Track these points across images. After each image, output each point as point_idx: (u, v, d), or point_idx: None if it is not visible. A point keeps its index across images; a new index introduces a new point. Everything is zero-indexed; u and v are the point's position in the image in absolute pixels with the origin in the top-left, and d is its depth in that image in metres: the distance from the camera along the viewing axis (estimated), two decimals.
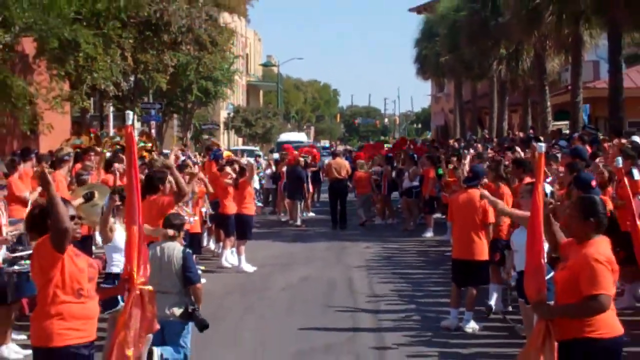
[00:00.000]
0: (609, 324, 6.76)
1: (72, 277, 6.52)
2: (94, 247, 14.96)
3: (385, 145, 40.70)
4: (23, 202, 13.21)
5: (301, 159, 27.93)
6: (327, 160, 30.89)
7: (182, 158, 18.08)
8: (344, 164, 27.69)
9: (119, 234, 9.62)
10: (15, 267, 10.82)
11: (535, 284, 6.87)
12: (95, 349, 6.89)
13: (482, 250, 12.19)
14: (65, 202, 7.12)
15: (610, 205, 11.23)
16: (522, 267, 8.87)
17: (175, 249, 10.25)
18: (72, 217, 6.81)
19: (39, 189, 11.98)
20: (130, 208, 7.23)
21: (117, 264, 9.83)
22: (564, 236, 7.07)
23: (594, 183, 11.17)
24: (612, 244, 7.34)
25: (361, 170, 26.98)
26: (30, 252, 9.90)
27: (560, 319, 6.75)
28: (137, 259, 7.04)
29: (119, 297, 8.88)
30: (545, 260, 7.02)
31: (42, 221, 6.76)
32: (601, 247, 6.72)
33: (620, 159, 11.82)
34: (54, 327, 6.47)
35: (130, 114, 8.10)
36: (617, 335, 6.83)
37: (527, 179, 12.92)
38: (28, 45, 20.80)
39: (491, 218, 12.09)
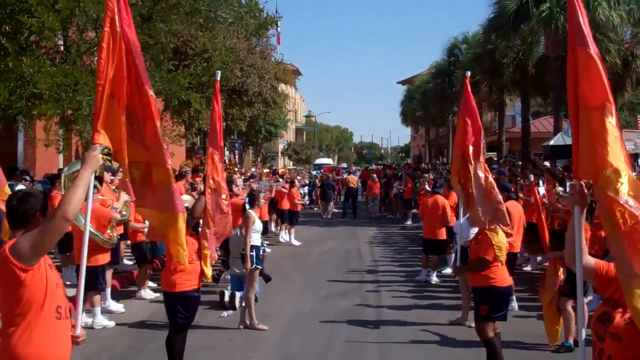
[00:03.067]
0: (504, 277, 6.75)
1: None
2: None
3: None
4: None
5: (329, 174, 28.16)
6: (345, 175, 30.97)
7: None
8: (355, 178, 28.19)
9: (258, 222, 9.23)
10: None
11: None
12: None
13: (442, 233, 12.23)
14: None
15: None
16: (461, 243, 8.92)
17: None
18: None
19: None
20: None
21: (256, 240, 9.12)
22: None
23: (512, 189, 11.10)
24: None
25: (371, 181, 26.93)
26: None
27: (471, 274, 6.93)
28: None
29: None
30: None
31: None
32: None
33: (532, 175, 11.81)
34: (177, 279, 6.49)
35: (218, 72, 7.78)
36: (508, 284, 6.82)
37: None
38: (159, 103, 20.96)
39: (448, 216, 12.11)
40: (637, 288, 2.98)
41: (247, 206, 9.35)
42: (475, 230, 7.76)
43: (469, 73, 8.30)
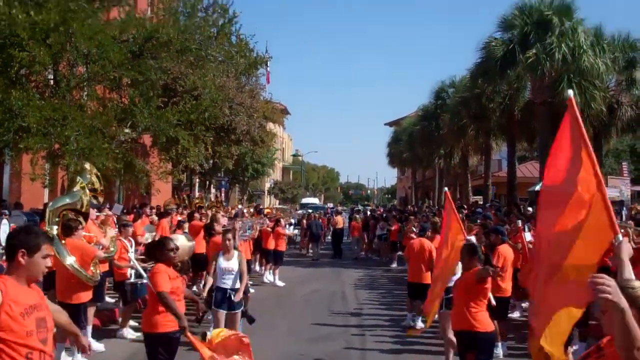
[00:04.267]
0: (486, 323, 6.75)
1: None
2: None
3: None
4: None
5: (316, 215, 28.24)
6: (334, 216, 31.07)
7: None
8: (342, 219, 28.05)
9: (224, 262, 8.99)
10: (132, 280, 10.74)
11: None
12: None
13: (427, 277, 12.09)
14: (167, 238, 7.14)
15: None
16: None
17: None
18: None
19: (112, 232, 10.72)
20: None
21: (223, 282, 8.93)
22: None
23: (505, 231, 11.18)
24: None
25: (355, 222, 26.95)
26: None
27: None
28: None
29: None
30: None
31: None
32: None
33: (519, 221, 11.94)
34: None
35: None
36: (492, 330, 6.81)
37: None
38: (147, 139, 20.99)
39: (434, 259, 12.06)
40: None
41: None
42: (457, 276, 7.83)
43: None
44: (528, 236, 12.02)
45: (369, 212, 34.26)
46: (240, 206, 27.22)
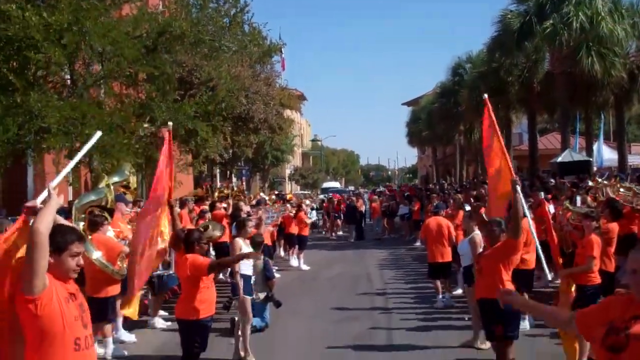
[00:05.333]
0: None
1: None
2: None
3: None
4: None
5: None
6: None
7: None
8: (361, 202, 28.14)
9: (246, 249, 8.81)
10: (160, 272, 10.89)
11: None
12: None
13: (448, 254, 12.09)
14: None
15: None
16: (466, 264, 9.21)
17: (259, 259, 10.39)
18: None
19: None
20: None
21: (245, 268, 8.84)
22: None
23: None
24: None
25: (374, 203, 26.96)
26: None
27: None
28: None
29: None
30: None
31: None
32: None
33: (541, 193, 11.93)
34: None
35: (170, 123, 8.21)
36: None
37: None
38: (166, 133, 21.15)
39: (453, 235, 12.05)
40: None
41: (235, 232, 9.29)
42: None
43: (485, 95, 8.97)
44: (551, 208, 11.97)
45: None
46: (262, 194, 27.37)
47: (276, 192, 31.41)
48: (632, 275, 3.09)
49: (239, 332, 8.61)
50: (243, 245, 8.86)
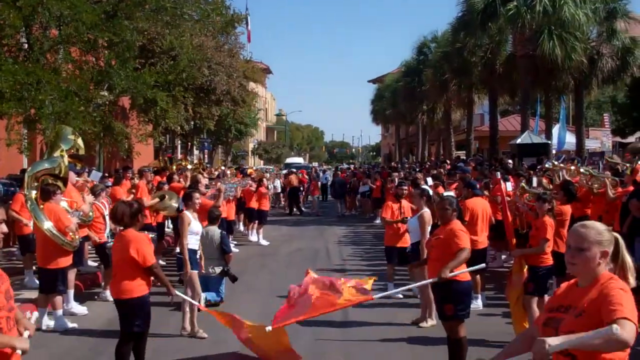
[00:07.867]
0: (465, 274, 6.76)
1: None
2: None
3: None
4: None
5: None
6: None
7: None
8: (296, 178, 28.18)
9: (195, 223, 8.68)
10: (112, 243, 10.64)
11: None
12: None
13: (406, 240, 11.95)
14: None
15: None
16: (414, 240, 9.57)
17: (216, 231, 10.30)
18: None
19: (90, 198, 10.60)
20: None
21: (193, 243, 8.63)
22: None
23: (478, 186, 11.26)
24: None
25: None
26: None
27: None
28: None
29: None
30: None
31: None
32: (457, 225, 6.77)
33: (498, 173, 12.02)
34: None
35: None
36: (468, 280, 6.85)
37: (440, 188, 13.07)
38: (125, 102, 20.78)
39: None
40: None
41: (182, 207, 9.05)
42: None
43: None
44: (508, 186, 12.09)
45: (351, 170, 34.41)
46: (223, 167, 27.12)
47: (235, 167, 31.10)
48: (567, 250, 3.29)
49: (187, 308, 8.39)
50: (192, 219, 8.63)
